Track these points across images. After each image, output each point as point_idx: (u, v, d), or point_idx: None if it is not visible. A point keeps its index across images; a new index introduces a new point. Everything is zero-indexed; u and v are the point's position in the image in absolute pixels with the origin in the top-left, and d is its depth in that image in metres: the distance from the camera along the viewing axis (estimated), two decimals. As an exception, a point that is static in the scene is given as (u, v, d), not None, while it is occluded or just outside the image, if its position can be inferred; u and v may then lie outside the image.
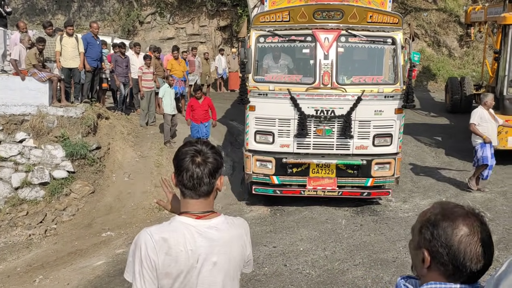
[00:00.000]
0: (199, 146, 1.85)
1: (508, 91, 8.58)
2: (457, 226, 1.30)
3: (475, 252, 1.29)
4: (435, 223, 1.34)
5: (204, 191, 1.83)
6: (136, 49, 12.48)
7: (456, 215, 1.34)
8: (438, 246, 1.32)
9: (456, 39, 18.56)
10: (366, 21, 6.76)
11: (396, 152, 7.06)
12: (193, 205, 1.83)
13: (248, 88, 6.96)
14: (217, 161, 1.85)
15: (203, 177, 1.80)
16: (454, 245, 1.30)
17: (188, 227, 1.79)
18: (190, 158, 1.81)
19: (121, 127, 10.51)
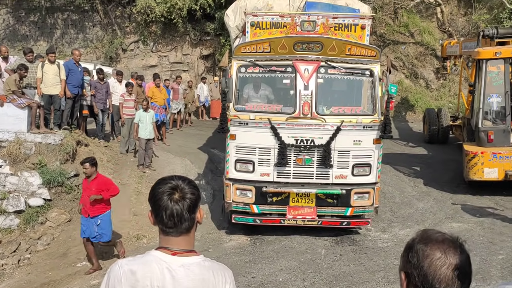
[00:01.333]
0: (175, 182, 1.80)
1: (483, 123, 8.81)
2: (430, 249, 1.35)
3: (445, 276, 1.31)
4: (411, 246, 1.40)
5: (186, 227, 1.78)
6: (118, 77, 12.50)
7: (431, 239, 1.38)
8: (412, 268, 1.37)
9: (433, 72, 19.11)
10: (345, 53, 6.94)
11: (375, 182, 7.13)
12: (172, 241, 1.78)
13: (228, 117, 7.01)
14: (196, 195, 1.81)
15: (183, 213, 1.76)
16: (424, 267, 1.33)
17: (160, 263, 1.74)
18: (168, 196, 1.76)
19: (100, 154, 10.40)
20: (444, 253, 1.32)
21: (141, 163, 10.49)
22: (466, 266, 1.33)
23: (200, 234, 7.82)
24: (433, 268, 1.32)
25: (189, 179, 1.87)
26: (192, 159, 11.75)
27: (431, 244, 1.36)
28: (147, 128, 10.50)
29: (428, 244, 1.36)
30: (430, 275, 1.32)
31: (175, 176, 1.86)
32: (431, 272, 1.32)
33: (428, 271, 1.32)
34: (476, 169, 8.61)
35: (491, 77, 8.90)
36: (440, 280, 1.30)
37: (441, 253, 1.32)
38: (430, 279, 1.32)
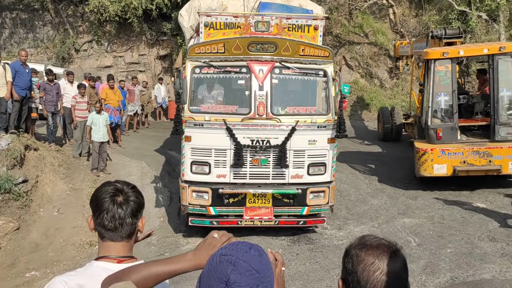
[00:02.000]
0: (120, 185, 1.77)
1: (432, 121, 9.13)
2: (364, 254, 1.35)
3: (378, 281, 1.31)
4: (347, 252, 1.40)
5: (126, 232, 1.74)
6: (69, 77, 12.09)
7: (366, 244, 1.38)
8: (348, 274, 1.37)
9: (387, 71, 19.66)
10: (299, 54, 6.99)
11: (330, 181, 7.23)
12: (113, 248, 1.72)
13: (183, 118, 6.92)
14: (139, 201, 1.78)
15: (125, 217, 1.72)
16: (358, 272, 1.34)
17: (108, 273, 1.63)
18: (111, 198, 1.72)
19: (51, 158, 10.03)
20: (377, 258, 1.32)
21: (95, 167, 10.20)
22: (400, 271, 1.33)
23: (157, 238, 7.68)
24: (366, 273, 1.32)
25: (134, 185, 1.84)
26: (149, 162, 11.54)
27: (366, 249, 1.36)
28: (101, 131, 10.22)
29: (362, 249, 1.36)
30: (363, 280, 1.32)
31: (120, 180, 1.83)
32: (364, 277, 1.32)
33: (361, 277, 1.32)
34: (426, 165, 8.90)
35: (440, 76, 9.23)
36: (373, 285, 1.31)
37: (374, 258, 1.33)
38: (363, 284, 1.32)
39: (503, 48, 8.93)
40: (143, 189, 9.78)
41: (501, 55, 8.89)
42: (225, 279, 1.20)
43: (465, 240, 6.79)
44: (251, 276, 1.21)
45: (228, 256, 1.24)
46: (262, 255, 1.28)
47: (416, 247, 6.59)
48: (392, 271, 1.32)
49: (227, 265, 1.22)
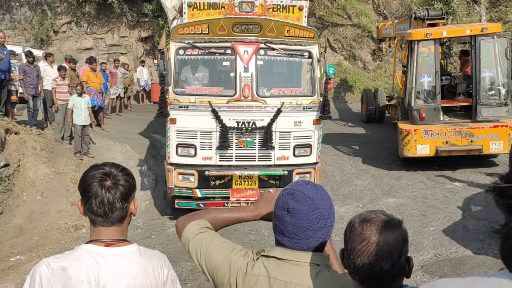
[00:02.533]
0: (108, 169, 1.72)
1: (415, 102, 9.22)
2: (358, 225, 1.38)
3: (363, 251, 1.35)
4: (348, 223, 1.44)
5: (117, 217, 1.69)
6: (49, 59, 11.82)
7: (365, 217, 1.41)
8: (344, 243, 1.42)
9: (370, 53, 19.72)
10: (284, 35, 6.95)
11: (315, 162, 7.28)
12: (104, 233, 1.69)
13: (168, 100, 6.85)
14: (129, 184, 1.73)
15: (114, 202, 1.67)
16: (349, 241, 1.39)
17: (94, 256, 1.64)
18: (99, 182, 1.67)
19: (33, 142, 9.85)
20: (367, 230, 1.35)
21: (77, 150, 10.07)
22: (390, 246, 1.34)
23: (143, 221, 7.67)
24: (354, 243, 1.36)
25: (124, 167, 1.79)
26: (133, 145, 11.43)
27: (360, 220, 1.39)
28: (82, 114, 10.05)
29: (360, 221, 1.39)
30: (352, 249, 1.36)
31: (109, 163, 1.78)
32: (353, 247, 1.37)
33: (351, 246, 1.37)
34: (410, 146, 9.02)
35: (423, 57, 9.30)
36: (358, 255, 1.35)
37: (364, 229, 1.36)
38: (352, 253, 1.36)
39: (485, 29, 9.02)
40: (127, 173, 9.76)
41: (483, 36, 8.98)
42: (286, 207, 1.50)
43: (447, 219, 6.95)
44: (306, 203, 1.48)
45: (288, 189, 1.53)
46: (318, 188, 1.53)
47: (400, 226, 6.71)
48: (380, 244, 1.34)
49: (287, 196, 1.51)
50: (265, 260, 1.55)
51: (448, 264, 5.46)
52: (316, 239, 1.52)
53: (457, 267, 5.39)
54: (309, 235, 1.50)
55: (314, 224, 1.50)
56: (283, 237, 1.52)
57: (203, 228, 1.72)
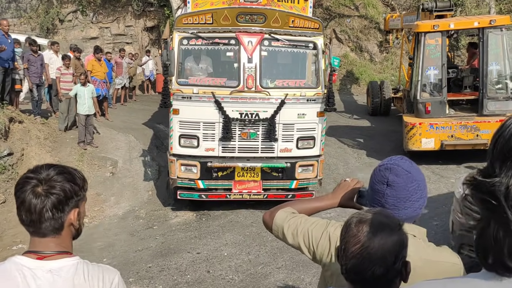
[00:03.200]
0: (44, 173, 1.50)
1: (421, 95, 9.12)
2: (352, 226, 1.36)
3: (355, 254, 1.32)
4: (345, 222, 1.42)
5: (48, 228, 1.49)
6: (54, 47, 11.80)
7: (360, 217, 1.38)
8: (340, 241, 1.40)
9: (377, 45, 19.52)
10: (288, 25, 6.87)
11: (319, 154, 7.23)
12: (39, 243, 1.51)
13: (171, 91, 6.81)
14: (66, 191, 1.50)
15: (42, 211, 1.46)
16: (344, 241, 1.36)
17: (22, 270, 1.47)
18: (31, 188, 1.48)
19: (37, 131, 9.87)
20: (362, 233, 1.31)
21: (81, 140, 10.07)
22: (385, 252, 1.30)
23: (145, 211, 7.68)
24: (348, 244, 1.34)
25: (68, 170, 1.56)
26: (137, 135, 11.43)
27: (357, 221, 1.36)
28: (86, 104, 10.03)
29: (357, 222, 1.36)
30: (346, 250, 1.33)
31: (50, 165, 1.55)
32: (346, 248, 1.34)
33: (345, 247, 1.34)
34: (415, 139, 8.94)
35: (429, 49, 9.17)
36: (351, 257, 1.32)
37: (359, 231, 1.33)
38: (346, 254, 1.33)
39: (493, 21, 8.87)
40: (131, 163, 9.78)
41: (491, 28, 8.84)
42: (385, 181, 1.63)
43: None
44: (405, 176, 1.61)
45: (385, 164, 1.66)
46: (412, 162, 1.67)
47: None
48: (375, 249, 1.30)
49: (385, 171, 1.64)
50: None
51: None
52: (413, 209, 1.64)
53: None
54: (407, 206, 1.62)
55: (412, 195, 1.62)
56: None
57: (292, 214, 1.86)
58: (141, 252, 6.03)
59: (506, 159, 0.89)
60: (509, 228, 0.86)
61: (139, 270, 5.43)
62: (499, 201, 0.88)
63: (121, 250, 6.15)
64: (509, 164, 0.89)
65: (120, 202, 8.13)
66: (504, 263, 0.89)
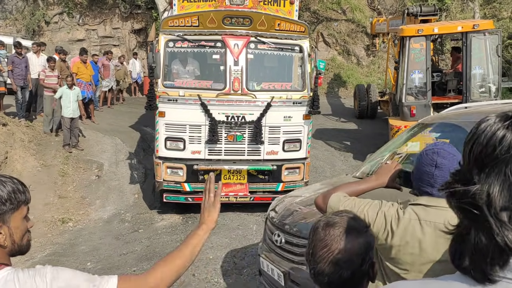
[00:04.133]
0: None
1: (406, 98, 9.21)
2: (319, 229, 1.38)
3: (323, 258, 1.33)
4: (312, 226, 1.43)
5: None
6: (33, 48, 11.64)
7: (327, 220, 1.40)
8: (307, 245, 1.41)
9: (364, 49, 19.67)
10: (274, 28, 6.89)
11: (305, 157, 7.26)
12: None
13: (157, 93, 6.79)
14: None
15: None
16: (311, 245, 1.38)
17: None
18: None
19: (21, 134, 9.75)
20: (329, 236, 1.33)
21: (66, 143, 9.97)
22: (352, 254, 1.31)
23: (131, 215, 7.63)
24: (315, 248, 1.34)
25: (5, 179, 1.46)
26: (123, 138, 11.35)
27: (324, 224, 1.37)
28: (70, 107, 9.94)
29: (324, 225, 1.37)
30: (313, 254, 1.34)
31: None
32: (314, 251, 1.34)
33: (313, 250, 1.35)
34: (400, 142, 9.00)
35: (414, 53, 9.26)
36: (319, 261, 1.32)
37: (326, 235, 1.33)
38: (314, 258, 1.34)
39: (476, 25, 9.01)
40: (117, 166, 9.70)
41: (474, 32, 8.96)
42: (434, 163, 1.81)
43: (435, 215, 6.95)
44: (451, 158, 1.79)
45: (432, 149, 1.84)
46: (452, 146, 1.86)
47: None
48: (341, 253, 1.31)
49: (433, 155, 1.82)
50: (414, 207, 1.82)
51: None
52: None
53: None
54: None
55: None
56: (432, 188, 1.82)
57: (345, 197, 1.99)
58: (126, 256, 5.98)
59: (484, 165, 0.86)
60: (492, 237, 0.83)
61: (124, 274, 5.39)
62: (480, 209, 0.84)
63: (105, 254, 6.10)
64: (488, 170, 0.85)
65: (105, 206, 8.07)
66: (484, 271, 0.86)
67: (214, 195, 1.75)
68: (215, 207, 1.73)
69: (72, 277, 1.46)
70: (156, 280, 1.52)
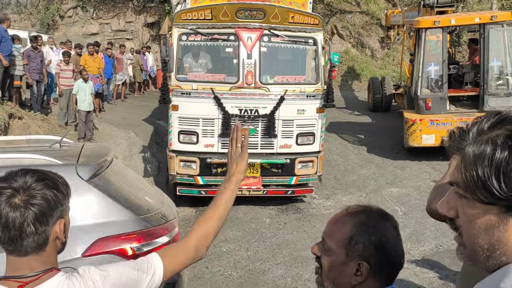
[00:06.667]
0: (20, 180, 1.28)
1: (422, 91, 9.09)
2: (388, 226, 1.29)
3: (401, 246, 1.30)
4: (370, 229, 1.27)
5: (31, 245, 1.28)
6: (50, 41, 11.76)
7: (380, 215, 1.31)
8: (378, 251, 1.25)
9: (378, 41, 19.46)
10: (288, 21, 6.83)
11: (318, 151, 7.21)
12: (19, 265, 1.29)
13: (170, 87, 6.79)
14: (49, 200, 1.28)
15: (23, 225, 1.25)
16: (391, 245, 1.27)
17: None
18: (6, 199, 1.25)
19: (36, 127, 9.87)
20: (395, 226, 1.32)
21: (81, 136, 10.07)
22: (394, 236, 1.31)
23: (145, 208, 7.67)
24: (396, 244, 1.30)
25: (49, 175, 1.34)
26: (137, 131, 11.42)
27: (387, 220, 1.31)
28: (87, 100, 10.03)
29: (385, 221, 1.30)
30: (394, 250, 1.29)
31: (25, 170, 1.32)
32: (397, 248, 1.30)
33: (394, 248, 1.29)
34: (415, 135, 8.92)
35: (430, 45, 9.14)
36: (401, 254, 1.30)
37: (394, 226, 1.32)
38: (396, 254, 1.28)
39: (494, 17, 8.83)
40: (131, 159, 9.77)
41: (492, 24, 8.79)
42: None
43: (450, 209, 6.87)
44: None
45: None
46: None
47: (403, 216, 6.65)
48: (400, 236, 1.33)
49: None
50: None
51: (449, 255, 5.40)
52: None
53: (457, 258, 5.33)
54: None
55: None
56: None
57: None
58: (140, 248, 6.03)
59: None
60: None
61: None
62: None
63: (120, 246, 6.15)
64: None
65: (119, 198, 8.13)
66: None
67: (242, 145, 1.63)
68: (243, 157, 1.63)
69: (121, 270, 1.42)
70: (198, 240, 1.53)
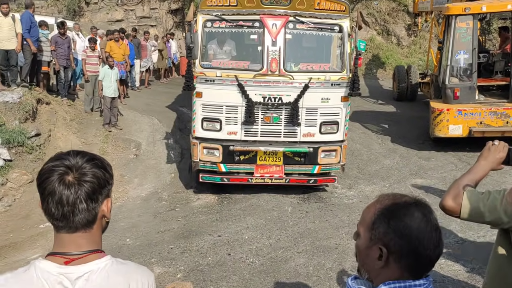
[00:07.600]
0: (72, 159, 1.35)
1: (450, 80, 8.86)
2: (412, 213, 1.27)
3: (431, 238, 1.27)
4: (389, 214, 1.29)
5: (81, 221, 1.34)
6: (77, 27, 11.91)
7: (408, 203, 1.31)
8: (397, 237, 1.26)
9: (405, 28, 19.04)
10: (314, 8, 6.73)
11: (342, 140, 7.13)
12: (68, 242, 1.35)
13: (194, 74, 6.80)
14: (99, 179, 1.36)
15: (76, 202, 1.31)
16: (413, 233, 1.25)
17: (49, 278, 1.29)
18: (58, 177, 1.31)
19: (63, 113, 10.05)
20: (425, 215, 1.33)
21: (106, 122, 10.22)
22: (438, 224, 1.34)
23: (168, 194, 7.76)
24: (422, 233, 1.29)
25: (96, 156, 1.42)
26: (160, 118, 11.52)
27: (411, 208, 1.32)
28: (112, 86, 10.15)
29: (409, 208, 1.31)
30: (420, 240, 1.29)
31: (76, 151, 1.41)
32: (420, 237, 1.29)
33: (417, 237, 1.29)
34: (442, 125, 8.72)
35: (460, 33, 8.87)
36: (429, 245, 1.30)
37: (422, 215, 1.32)
38: (421, 244, 1.28)
39: (528, 4, 8.50)
40: (154, 145, 9.88)
41: (526, 11, 8.47)
42: None
43: (477, 202, 6.72)
44: None
45: None
46: None
47: (427, 207, 6.54)
48: (437, 226, 1.34)
49: None
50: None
51: (474, 248, 5.31)
52: None
53: (483, 251, 5.22)
54: None
55: None
56: None
57: (474, 193, 1.98)
58: (163, 233, 6.11)
59: None
60: None
61: (161, 251, 5.51)
62: None
63: (144, 231, 6.25)
64: None
65: (143, 184, 8.24)
66: None
67: None
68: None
69: None
70: None
